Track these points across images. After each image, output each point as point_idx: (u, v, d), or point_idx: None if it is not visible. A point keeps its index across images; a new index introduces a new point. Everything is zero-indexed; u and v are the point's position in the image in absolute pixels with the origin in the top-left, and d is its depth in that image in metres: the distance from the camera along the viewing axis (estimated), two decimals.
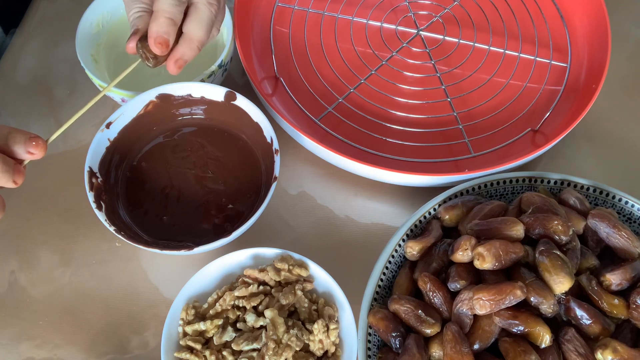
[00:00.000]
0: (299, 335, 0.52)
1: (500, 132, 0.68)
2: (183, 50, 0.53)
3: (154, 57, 0.53)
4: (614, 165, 0.69)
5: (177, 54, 0.53)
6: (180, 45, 0.53)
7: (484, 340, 0.50)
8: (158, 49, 0.51)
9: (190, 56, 0.53)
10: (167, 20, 0.51)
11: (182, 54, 0.53)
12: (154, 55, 0.52)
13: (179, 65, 0.53)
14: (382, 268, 0.56)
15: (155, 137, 0.65)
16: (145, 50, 0.52)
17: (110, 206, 0.59)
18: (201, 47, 0.54)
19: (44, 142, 0.48)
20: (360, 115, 0.69)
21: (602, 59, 0.68)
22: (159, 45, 0.51)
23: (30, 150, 0.47)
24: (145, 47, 0.52)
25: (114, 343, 0.59)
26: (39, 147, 0.47)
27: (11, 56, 0.76)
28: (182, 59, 0.53)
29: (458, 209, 0.58)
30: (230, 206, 0.62)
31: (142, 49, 0.52)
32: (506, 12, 0.77)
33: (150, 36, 0.51)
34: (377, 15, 0.76)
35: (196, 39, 0.53)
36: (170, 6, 0.51)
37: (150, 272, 0.63)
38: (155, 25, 0.51)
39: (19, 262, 0.63)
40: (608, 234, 0.54)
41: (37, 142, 0.47)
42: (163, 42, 0.51)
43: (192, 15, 0.52)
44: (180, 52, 0.53)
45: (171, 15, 0.51)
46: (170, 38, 0.52)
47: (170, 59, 0.53)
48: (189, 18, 0.53)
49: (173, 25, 0.51)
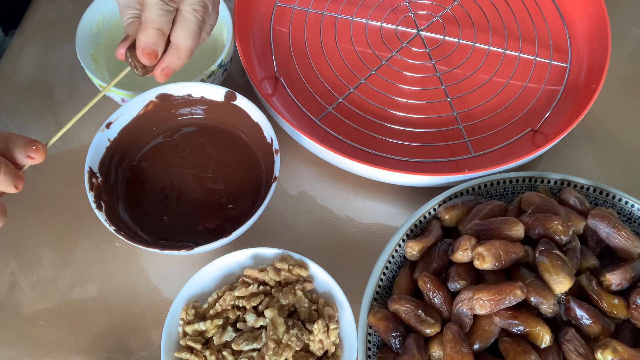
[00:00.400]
0: (299, 335, 0.52)
1: (500, 132, 0.68)
2: (170, 59, 0.53)
3: (143, 66, 0.53)
4: (614, 165, 0.69)
5: (164, 63, 0.53)
6: (167, 55, 0.53)
7: (484, 340, 0.50)
8: (146, 60, 0.52)
9: (178, 65, 0.53)
10: (155, 31, 0.51)
11: (169, 63, 0.53)
12: (142, 65, 0.53)
13: (165, 73, 0.53)
14: (382, 268, 0.56)
15: (155, 137, 0.65)
16: (133, 59, 0.52)
17: (110, 206, 0.59)
18: (189, 55, 0.54)
19: (43, 147, 0.48)
20: (360, 115, 0.69)
21: (602, 59, 0.68)
22: (147, 56, 0.51)
23: (30, 154, 0.47)
24: (134, 57, 0.52)
25: (114, 343, 0.59)
26: (38, 152, 0.48)
27: (11, 57, 0.76)
28: (169, 67, 0.53)
29: (458, 209, 0.58)
30: (230, 206, 0.62)
31: (131, 57, 0.52)
32: (506, 12, 0.77)
33: (138, 47, 0.51)
34: (377, 15, 0.76)
35: (183, 47, 0.53)
36: (158, 16, 0.50)
37: (150, 272, 0.63)
38: (143, 36, 0.51)
39: (19, 263, 0.63)
40: (608, 234, 0.54)
41: (37, 146, 0.48)
42: (151, 53, 0.51)
43: (179, 24, 0.52)
44: (168, 61, 0.53)
45: (159, 25, 0.51)
46: (159, 48, 0.52)
47: (157, 68, 0.53)
48: (176, 26, 0.52)
49: (161, 36, 0.51)
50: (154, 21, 0.50)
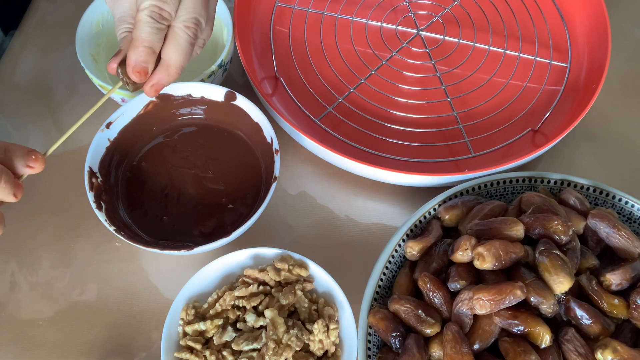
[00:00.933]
0: (299, 335, 0.52)
1: (500, 132, 0.68)
2: (160, 76, 0.53)
3: (133, 82, 0.53)
4: (614, 165, 0.69)
5: (154, 80, 0.53)
6: (157, 72, 0.53)
7: (484, 340, 0.50)
8: (137, 77, 0.52)
9: (168, 81, 0.53)
10: (145, 49, 0.51)
11: (159, 80, 0.53)
12: (133, 82, 0.53)
13: (155, 89, 0.53)
14: (382, 268, 0.56)
15: (155, 137, 0.65)
16: (124, 75, 0.52)
17: (110, 206, 0.59)
18: (180, 71, 0.54)
19: (42, 156, 0.49)
20: (360, 115, 0.69)
21: (602, 59, 0.68)
22: (137, 74, 0.51)
23: (30, 164, 0.48)
24: (125, 73, 0.52)
25: (114, 343, 0.59)
26: (38, 161, 0.48)
27: (10, 57, 0.76)
28: (159, 84, 0.53)
29: (458, 209, 0.58)
30: (230, 206, 0.62)
31: (122, 73, 0.53)
32: (506, 12, 0.77)
33: (128, 64, 0.51)
34: (377, 15, 0.76)
35: (173, 65, 0.53)
36: (149, 35, 0.50)
37: (150, 272, 0.63)
38: (133, 55, 0.51)
39: (19, 263, 0.63)
40: (608, 234, 0.54)
41: (37, 156, 0.48)
42: (141, 71, 0.51)
43: (170, 40, 0.52)
44: (157, 77, 0.53)
45: (149, 43, 0.51)
46: (149, 66, 0.52)
47: (147, 84, 0.53)
48: (167, 43, 0.52)
49: (152, 54, 0.51)
50: (144, 39, 0.50)
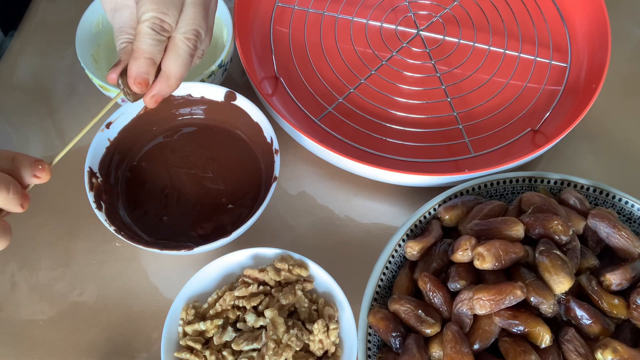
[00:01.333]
0: (299, 335, 0.52)
1: (500, 132, 0.68)
2: (160, 87, 0.53)
3: (133, 93, 0.53)
4: (614, 165, 0.69)
5: (154, 90, 0.53)
6: (157, 82, 0.53)
7: (484, 340, 0.50)
8: (138, 89, 0.52)
9: (168, 92, 0.54)
10: (146, 60, 0.51)
11: (159, 90, 0.53)
12: (133, 92, 0.53)
13: (155, 100, 0.54)
14: (382, 268, 0.56)
15: (155, 137, 0.65)
16: (125, 86, 0.53)
17: (110, 206, 0.59)
18: (179, 82, 0.54)
19: (49, 166, 0.49)
20: (360, 115, 0.69)
21: (602, 59, 0.68)
22: (138, 85, 0.51)
23: (37, 174, 0.48)
24: (126, 84, 0.52)
25: (114, 343, 0.59)
26: (44, 171, 0.48)
27: (10, 58, 0.76)
28: (159, 95, 0.53)
29: (458, 209, 0.58)
30: (230, 206, 0.62)
31: (123, 84, 0.53)
32: (506, 12, 0.77)
33: (129, 76, 0.51)
34: (377, 15, 0.76)
35: (173, 76, 0.53)
36: (150, 46, 0.50)
37: (150, 272, 0.63)
38: (134, 66, 0.51)
39: (19, 263, 0.63)
40: (608, 234, 0.54)
41: (43, 166, 0.48)
42: (142, 82, 0.51)
43: (171, 51, 0.52)
44: (157, 88, 0.53)
45: (150, 55, 0.51)
46: (150, 77, 0.52)
47: (147, 95, 0.53)
48: (167, 54, 0.52)
49: (152, 65, 0.51)
50: (145, 51, 0.50)
